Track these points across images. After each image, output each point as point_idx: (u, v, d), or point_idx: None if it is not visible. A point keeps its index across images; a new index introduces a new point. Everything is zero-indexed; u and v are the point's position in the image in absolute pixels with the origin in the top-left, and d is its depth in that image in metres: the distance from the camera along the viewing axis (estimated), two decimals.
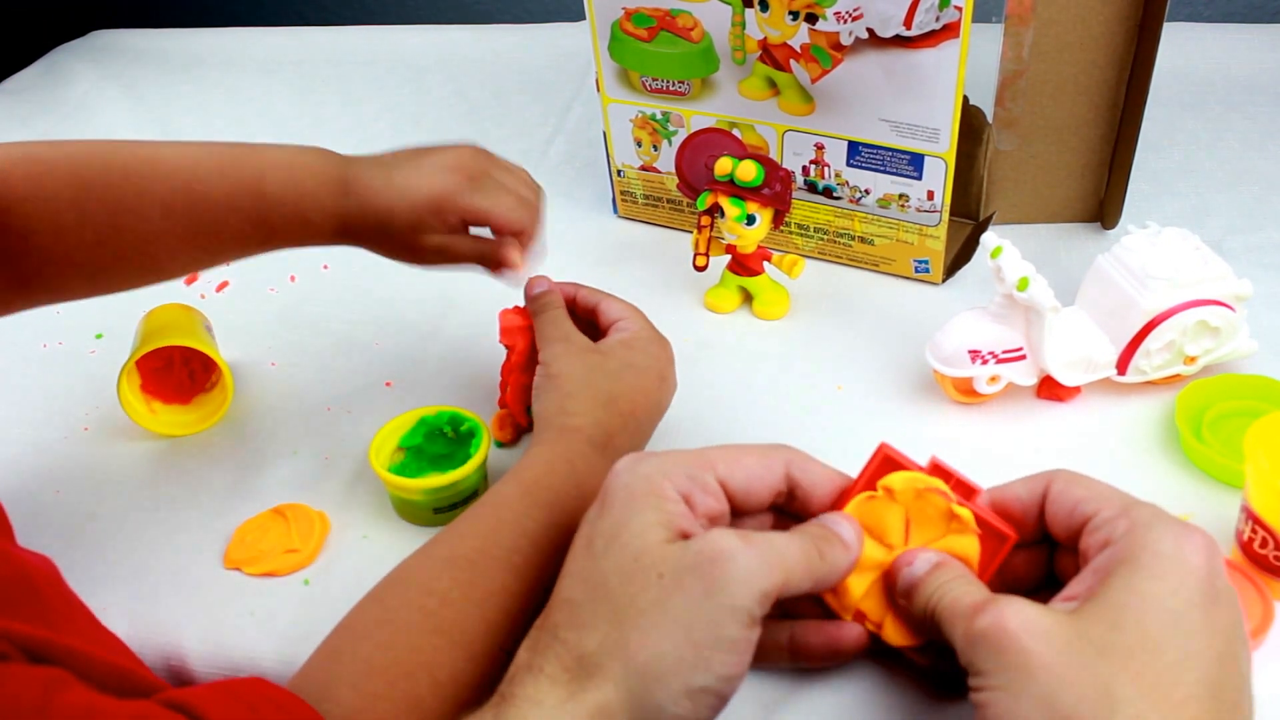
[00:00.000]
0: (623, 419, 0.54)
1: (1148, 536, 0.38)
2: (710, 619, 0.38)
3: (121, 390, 0.65)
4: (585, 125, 1.04)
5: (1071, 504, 0.41)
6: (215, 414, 0.68)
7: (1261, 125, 0.93)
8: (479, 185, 0.60)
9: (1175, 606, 0.36)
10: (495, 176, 0.62)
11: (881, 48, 0.67)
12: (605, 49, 0.78)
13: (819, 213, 0.78)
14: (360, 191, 0.59)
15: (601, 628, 0.39)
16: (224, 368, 0.66)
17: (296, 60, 1.25)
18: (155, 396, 0.68)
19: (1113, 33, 0.72)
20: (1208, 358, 0.62)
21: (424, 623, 0.45)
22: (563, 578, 0.42)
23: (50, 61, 1.33)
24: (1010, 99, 0.76)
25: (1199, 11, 1.17)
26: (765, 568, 0.39)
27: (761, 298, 0.74)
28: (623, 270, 0.81)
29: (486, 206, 0.60)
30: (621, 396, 0.54)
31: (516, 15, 1.38)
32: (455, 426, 0.61)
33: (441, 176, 0.60)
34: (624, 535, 0.40)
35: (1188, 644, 0.36)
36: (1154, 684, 0.35)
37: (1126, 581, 0.37)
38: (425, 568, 0.47)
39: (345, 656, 0.44)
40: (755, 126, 0.76)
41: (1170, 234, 0.63)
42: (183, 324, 0.69)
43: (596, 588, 0.40)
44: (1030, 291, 0.59)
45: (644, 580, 0.39)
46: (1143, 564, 0.37)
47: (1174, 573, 0.37)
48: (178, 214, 0.57)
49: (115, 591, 0.57)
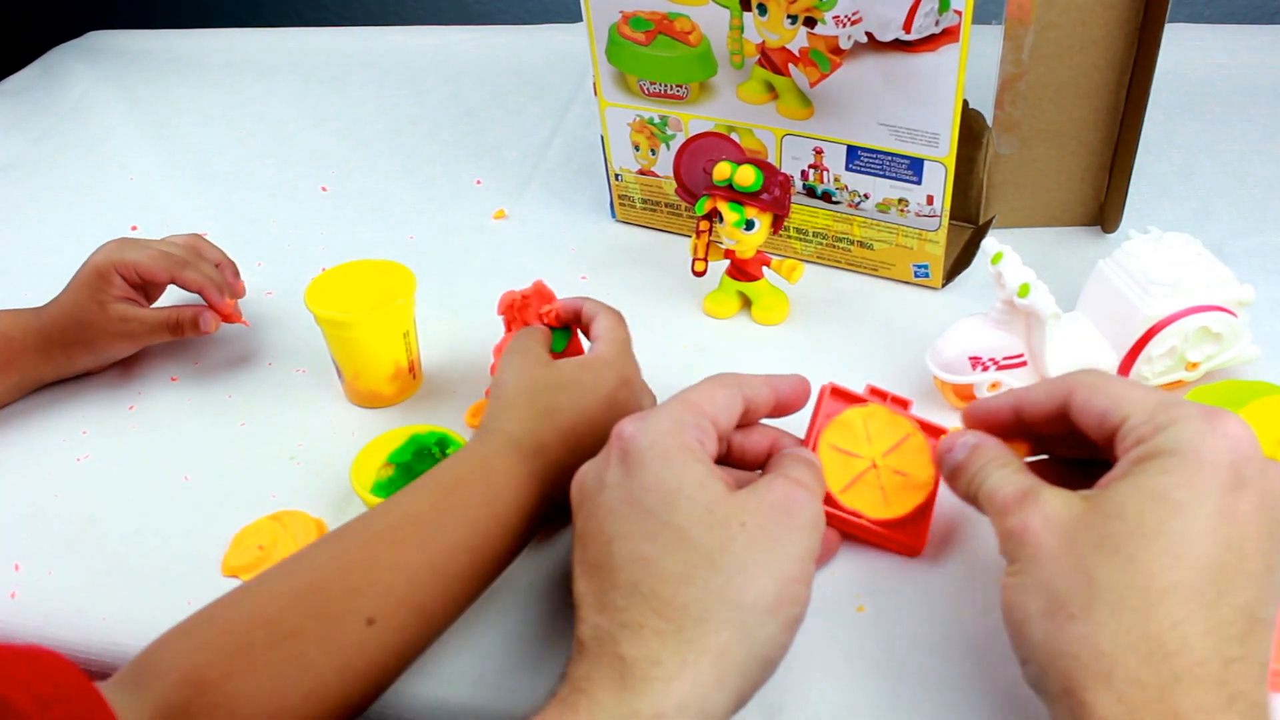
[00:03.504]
0: (559, 433, 0.53)
1: (1168, 434, 0.39)
2: (794, 556, 0.42)
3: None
4: (583, 127, 1.04)
5: (1098, 416, 0.42)
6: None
7: (1262, 127, 0.92)
8: (132, 247, 0.71)
9: (1181, 497, 0.37)
10: (142, 244, 0.72)
11: (881, 51, 0.66)
12: (603, 52, 0.77)
13: (818, 217, 0.77)
14: (52, 317, 0.70)
15: (699, 577, 0.41)
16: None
17: (295, 60, 1.25)
18: None
19: (1113, 36, 0.72)
20: (1210, 364, 0.62)
21: (265, 652, 0.44)
22: (610, 539, 0.43)
23: (48, 62, 1.33)
24: (1010, 102, 0.75)
25: (1199, 12, 1.17)
26: (815, 503, 0.45)
27: (760, 303, 0.74)
28: (620, 275, 0.81)
29: (135, 259, 0.70)
30: (561, 411, 0.54)
31: (516, 16, 1.38)
32: (443, 448, 0.61)
33: (98, 256, 0.70)
34: (685, 489, 0.43)
35: (1187, 530, 0.37)
36: (1138, 572, 0.37)
37: (1137, 478, 0.38)
38: (272, 596, 0.46)
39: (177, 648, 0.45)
40: (754, 131, 0.76)
41: (1172, 239, 0.62)
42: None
43: (675, 541, 0.42)
44: (1031, 298, 0.58)
45: (729, 529, 0.42)
46: (1157, 461, 0.38)
47: (1186, 466, 0.38)
48: None
49: (113, 598, 0.57)
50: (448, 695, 0.51)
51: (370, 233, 0.91)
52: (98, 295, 0.69)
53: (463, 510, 0.49)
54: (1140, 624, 0.36)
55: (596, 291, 0.77)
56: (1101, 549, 0.37)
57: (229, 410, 0.70)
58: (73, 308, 0.70)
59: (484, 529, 0.49)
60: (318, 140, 1.08)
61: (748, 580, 0.41)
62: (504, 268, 0.84)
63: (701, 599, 0.40)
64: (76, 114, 1.17)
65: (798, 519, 0.43)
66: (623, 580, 0.42)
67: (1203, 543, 0.36)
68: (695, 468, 0.43)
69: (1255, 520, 0.37)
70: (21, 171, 1.07)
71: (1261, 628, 0.37)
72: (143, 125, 1.13)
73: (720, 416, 0.47)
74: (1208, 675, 0.35)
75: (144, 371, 0.74)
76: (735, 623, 0.40)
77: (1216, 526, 0.37)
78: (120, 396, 0.72)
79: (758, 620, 0.41)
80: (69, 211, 0.98)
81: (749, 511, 0.42)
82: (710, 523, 0.42)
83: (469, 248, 0.87)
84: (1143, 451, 0.39)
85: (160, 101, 1.19)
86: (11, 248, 0.93)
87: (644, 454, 0.44)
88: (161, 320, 0.70)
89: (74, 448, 0.68)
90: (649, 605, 0.41)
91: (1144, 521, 0.37)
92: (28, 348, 0.70)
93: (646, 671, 0.39)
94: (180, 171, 1.03)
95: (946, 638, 0.50)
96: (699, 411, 0.46)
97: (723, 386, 0.48)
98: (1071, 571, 0.38)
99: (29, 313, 0.71)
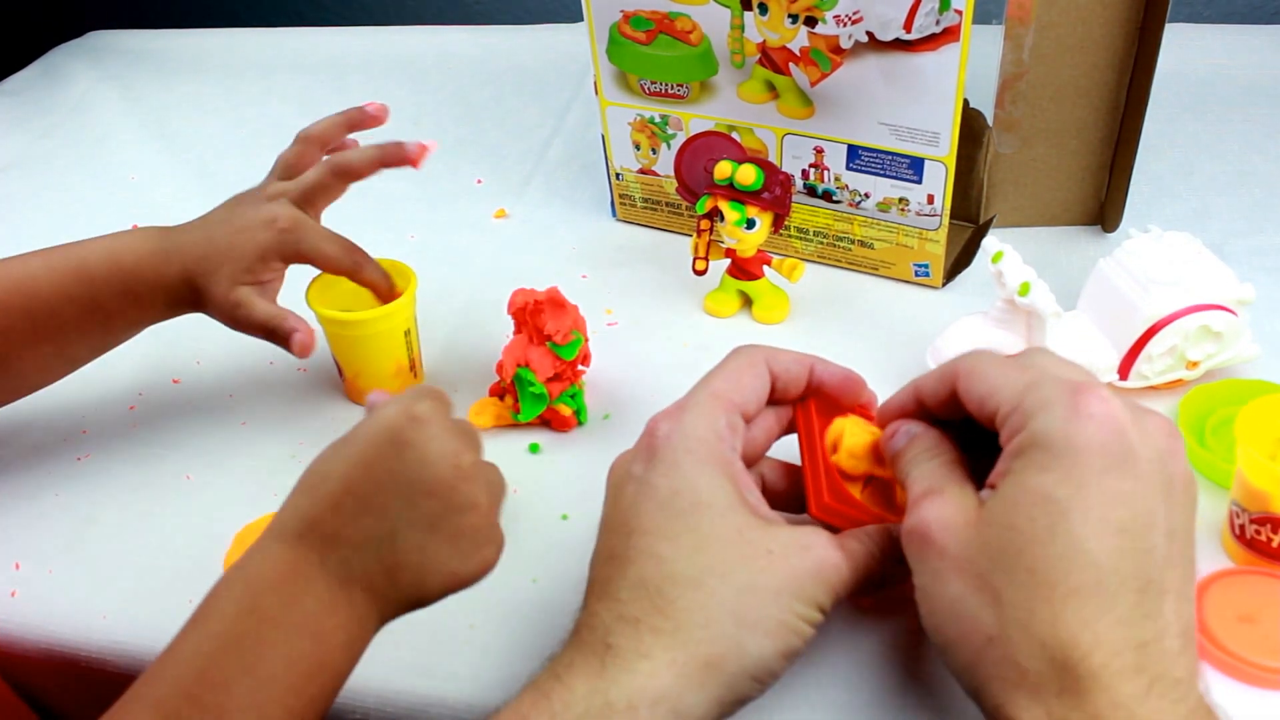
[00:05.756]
0: (332, 500, 0.43)
1: (1037, 423, 0.38)
2: (810, 598, 0.42)
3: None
4: (584, 127, 1.04)
5: (978, 402, 0.42)
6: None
7: (1262, 127, 0.92)
8: (301, 233, 0.63)
9: (1063, 495, 0.37)
10: (312, 227, 0.64)
11: (881, 51, 0.66)
12: (603, 52, 0.77)
13: (818, 216, 0.77)
14: (183, 260, 0.62)
15: (710, 585, 0.41)
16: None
17: (295, 60, 1.25)
18: None
19: (1113, 35, 0.72)
20: (1210, 363, 0.62)
21: None
22: (630, 532, 0.43)
23: (48, 62, 1.32)
24: (1010, 102, 0.75)
25: (1199, 12, 1.17)
26: (847, 564, 0.43)
27: (761, 302, 0.74)
28: (621, 274, 0.81)
29: (313, 245, 0.63)
30: (331, 476, 0.44)
31: (516, 16, 1.38)
32: None
33: (260, 234, 0.62)
34: (718, 506, 0.42)
35: (1077, 530, 0.36)
36: (1040, 584, 0.36)
37: (1018, 478, 0.38)
38: None
39: None
40: (754, 130, 0.76)
41: (1172, 238, 0.63)
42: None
43: (695, 548, 0.41)
44: (1031, 297, 0.58)
45: (751, 553, 0.41)
46: (1033, 456, 0.38)
47: (1061, 460, 0.37)
48: (15, 312, 0.60)
49: (115, 596, 0.57)
50: (448, 695, 0.51)
51: (371, 232, 0.91)
52: (237, 276, 0.61)
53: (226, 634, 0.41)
54: (1052, 633, 0.36)
55: (597, 291, 0.78)
56: (1000, 563, 0.37)
57: (230, 410, 0.70)
58: (205, 277, 0.61)
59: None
60: None
61: (757, 602, 0.41)
62: (505, 267, 0.84)
63: (707, 607, 0.40)
64: (77, 113, 1.17)
65: (825, 567, 0.42)
66: (632, 574, 0.42)
67: (1096, 537, 0.36)
68: (729, 485, 0.43)
69: (1146, 487, 0.37)
70: (22, 171, 1.07)
71: (1170, 597, 0.36)
72: (143, 125, 1.13)
73: (749, 404, 0.47)
74: (1124, 666, 0.35)
75: (145, 371, 0.74)
76: (734, 638, 0.40)
77: (1105, 515, 0.36)
78: (120, 396, 0.72)
79: (757, 642, 0.40)
80: (69, 211, 0.98)
81: (778, 542, 0.42)
82: (738, 543, 0.42)
83: (470, 247, 0.87)
84: (1017, 445, 0.39)
85: (161, 101, 1.19)
86: (12, 247, 0.93)
87: (677, 457, 0.43)
88: (265, 321, 0.62)
89: (74, 448, 0.68)
90: (652, 602, 0.41)
91: (1035, 529, 0.37)
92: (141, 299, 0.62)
93: (631, 663, 0.39)
94: (181, 171, 1.03)
95: None
96: (729, 406, 0.45)
97: (750, 367, 0.47)
98: (978, 589, 0.38)
99: (157, 258, 0.62)
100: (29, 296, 0.60)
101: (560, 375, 0.64)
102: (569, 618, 0.44)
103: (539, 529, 0.59)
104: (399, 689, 0.51)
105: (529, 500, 0.61)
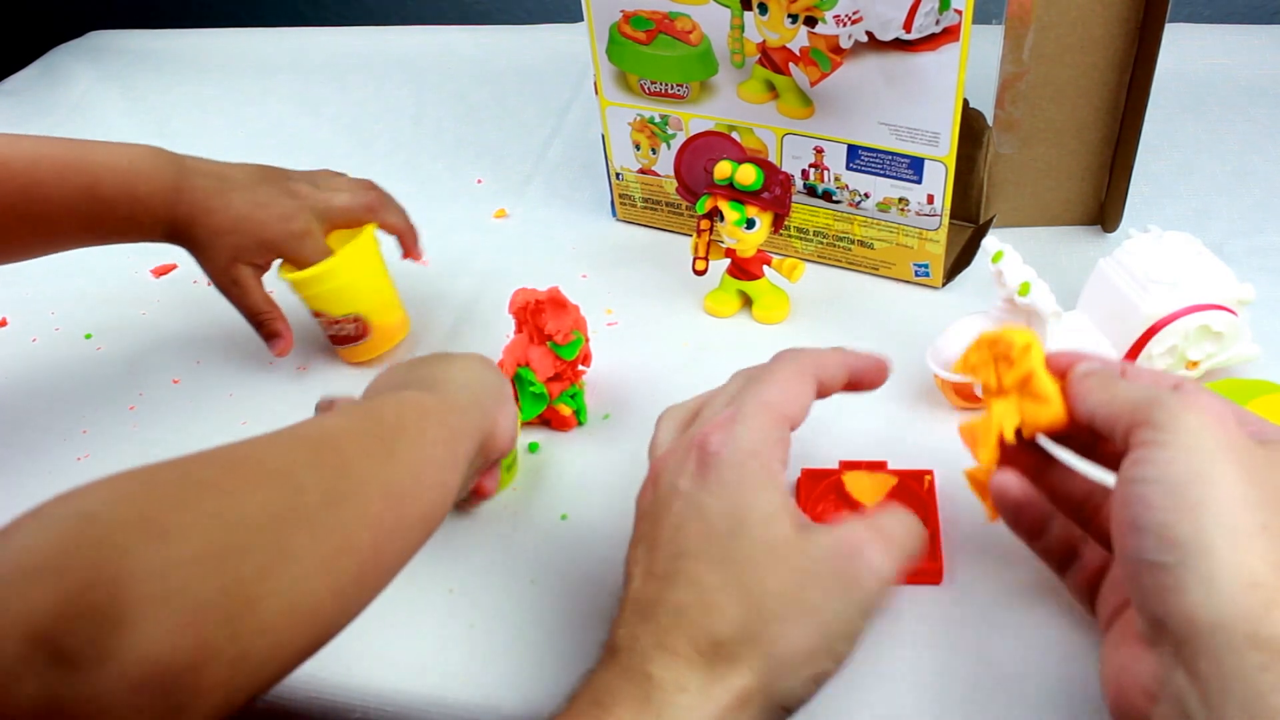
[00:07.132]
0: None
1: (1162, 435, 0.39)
2: (844, 613, 0.40)
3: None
4: (584, 127, 1.04)
5: (1088, 415, 0.43)
6: None
7: (1262, 127, 0.92)
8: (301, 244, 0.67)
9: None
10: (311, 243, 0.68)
11: (881, 51, 0.66)
12: (603, 51, 0.77)
13: (818, 216, 0.77)
14: (191, 203, 0.65)
15: (738, 615, 0.40)
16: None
17: (295, 60, 1.25)
18: None
19: (1113, 35, 0.72)
20: (1210, 363, 0.62)
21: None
22: (679, 553, 0.42)
23: (48, 62, 1.33)
24: (1010, 102, 0.75)
25: (1199, 12, 1.17)
26: (889, 557, 0.41)
27: (761, 302, 0.74)
28: (621, 274, 0.81)
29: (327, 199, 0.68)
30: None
31: (516, 16, 1.38)
32: None
33: (274, 225, 0.66)
34: (752, 518, 0.41)
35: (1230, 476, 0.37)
36: None
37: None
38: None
39: None
40: (754, 130, 0.76)
41: (1172, 238, 0.63)
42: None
43: (729, 572, 0.40)
44: (1032, 296, 0.58)
45: (783, 572, 0.40)
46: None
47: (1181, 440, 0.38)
48: (18, 212, 0.62)
49: None
50: (448, 695, 0.51)
51: None
52: (241, 254, 0.66)
53: None
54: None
55: (597, 291, 0.78)
56: None
57: (230, 409, 0.70)
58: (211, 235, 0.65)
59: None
60: (318, 139, 1.08)
61: (786, 630, 0.40)
62: (505, 267, 0.84)
63: (737, 639, 0.40)
64: (77, 114, 1.17)
65: (856, 570, 0.40)
66: (674, 598, 0.41)
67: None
68: (769, 496, 0.42)
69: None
70: None
71: None
72: (143, 125, 1.13)
73: (798, 417, 0.45)
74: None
75: (145, 371, 0.74)
76: (762, 671, 0.39)
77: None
78: (120, 396, 0.72)
79: (783, 673, 0.39)
80: None
81: (811, 556, 0.40)
82: (768, 562, 0.40)
83: (470, 246, 0.87)
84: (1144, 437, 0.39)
85: (161, 101, 1.19)
86: None
87: (724, 472, 0.42)
88: (256, 310, 0.68)
89: (74, 448, 0.68)
90: (687, 634, 0.40)
91: None
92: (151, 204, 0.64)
93: (672, 697, 0.39)
94: None
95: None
96: (780, 419, 0.44)
97: (799, 378, 0.46)
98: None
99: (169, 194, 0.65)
100: (35, 203, 0.62)
101: (560, 375, 0.64)
102: (568, 618, 0.44)
103: (538, 529, 0.59)
104: (399, 689, 0.51)
105: (529, 500, 0.61)
